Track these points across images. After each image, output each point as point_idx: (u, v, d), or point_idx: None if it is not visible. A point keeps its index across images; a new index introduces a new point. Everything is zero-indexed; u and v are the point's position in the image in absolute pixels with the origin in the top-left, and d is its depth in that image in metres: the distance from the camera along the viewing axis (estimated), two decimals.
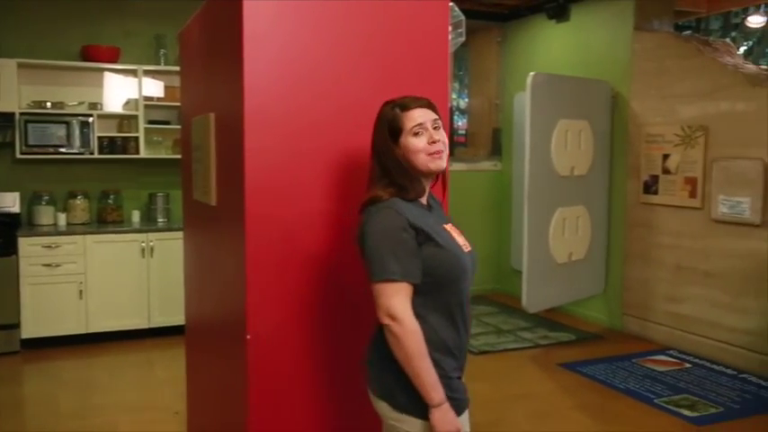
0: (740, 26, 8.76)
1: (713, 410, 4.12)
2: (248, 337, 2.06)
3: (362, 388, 2.01)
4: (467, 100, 7.90)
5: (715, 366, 4.91)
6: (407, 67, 2.24)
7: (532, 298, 5.25)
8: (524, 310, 5.32)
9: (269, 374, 2.11)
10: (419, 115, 1.86)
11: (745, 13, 7.46)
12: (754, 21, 7.17)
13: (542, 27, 6.67)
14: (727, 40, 6.72)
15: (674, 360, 5.09)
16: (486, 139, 7.54)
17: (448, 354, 1.86)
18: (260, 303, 2.08)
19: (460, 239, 1.95)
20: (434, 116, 1.89)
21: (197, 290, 3.05)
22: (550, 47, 6.59)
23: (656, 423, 3.97)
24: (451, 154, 2.37)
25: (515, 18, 7.03)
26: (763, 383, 4.56)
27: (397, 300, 1.76)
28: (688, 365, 4.95)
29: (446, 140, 1.90)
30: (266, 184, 2.06)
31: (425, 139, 1.85)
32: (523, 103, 5.35)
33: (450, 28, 2.37)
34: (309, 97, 2.11)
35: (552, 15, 6.43)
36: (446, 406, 1.80)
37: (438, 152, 1.86)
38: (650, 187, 5.56)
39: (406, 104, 1.88)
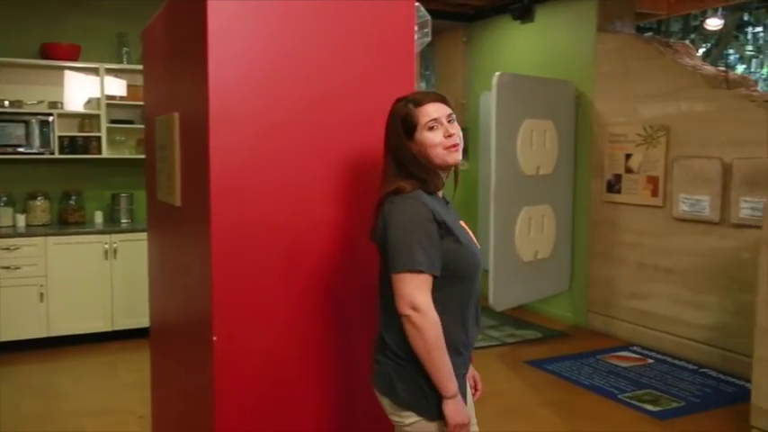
0: (699, 28, 8.96)
1: (675, 405, 4.21)
2: (214, 338, 2.04)
3: (331, 388, 2.00)
4: None
5: (677, 361, 5.01)
6: (374, 67, 2.23)
7: (499, 296, 5.30)
8: (491, 308, 5.36)
9: (235, 376, 2.09)
10: (433, 110, 1.87)
11: (704, 15, 7.63)
12: (712, 23, 7.33)
13: (507, 27, 6.73)
14: (687, 41, 6.86)
15: (637, 356, 5.18)
16: None
17: (456, 352, 1.85)
18: (226, 304, 2.06)
19: (472, 236, 1.95)
20: (449, 110, 1.90)
21: (162, 291, 3.01)
22: (515, 47, 6.66)
23: (621, 418, 4.03)
24: None
25: (481, 18, 7.08)
26: (723, 377, 4.67)
27: (420, 291, 1.75)
28: (651, 361, 5.05)
29: (460, 134, 1.90)
30: (232, 184, 2.04)
31: (441, 133, 1.85)
32: (489, 102, 5.40)
33: (416, 28, 2.38)
34: (275, 97, 2.10)
35: (517, 16, 6.49)
36: (459, 398, 1.81)
37: (455, 145, 1.87)
38: (613, 186, 5.66)
39: (418, 100, 1.89)
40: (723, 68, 5.60)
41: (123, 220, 5.76)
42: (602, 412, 4.12)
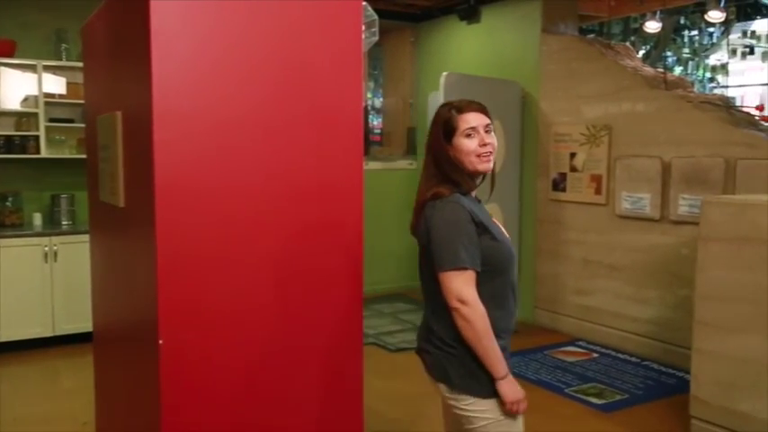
0: (639, 31, 9.20)
1: (619, 397, 4.32)
2: (160, 342, 2.00)
3: (279, 392, 1.99)
4: (382, 99, 7.95)
5: (620, 355, 5.15)
6: (321, 67, 2.22)
7: None
8: None
9: (182, 381, 2.05)
10: (473, 119, 2.03)
11: (643, 18, 7.84)
12: (651, 26, 7.56)
13: (454, 28, 6.79)
14: (628, 43, 7.04)
15: (582, 351, 5.29)
16: (402, 138, 7.61)
17: (501, 337, 2.03)
18: (172, 306, 2.02)
19: (504, 230, 2.13)
20: (487, 121, 2.06)
21: (105, 295, 2.93)
22: (463, 47, 6.72)
23: (567, 412, 4.12)
24: (367, 153, 2.39)
25: (428, 19, 7.13)
26: (664, 370, 4.81)
27: (466, 285, 1.94)
28: (595, 355, 5.17)
29: (495, 144, 2.07)
30: (177, 184, 2.00)
31: (477, 142, 2.02)
32: (437, 102, 5.42)
33: (363, 27, 2.38)
34: (221, 96, 2.07)
35: (464, 17, 6.56)
36: (510, 377, 2.03)
37: (488, 154, 2.04)
38: (559, 185, 5.77)
39: (461, 107, 2.06)
40: (662, 70, 5.77)
41: (64, 222, 5.59)
42: (549, 407, 4.20)
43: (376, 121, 7.97)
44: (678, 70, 10.81)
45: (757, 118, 4.99)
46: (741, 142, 4.48)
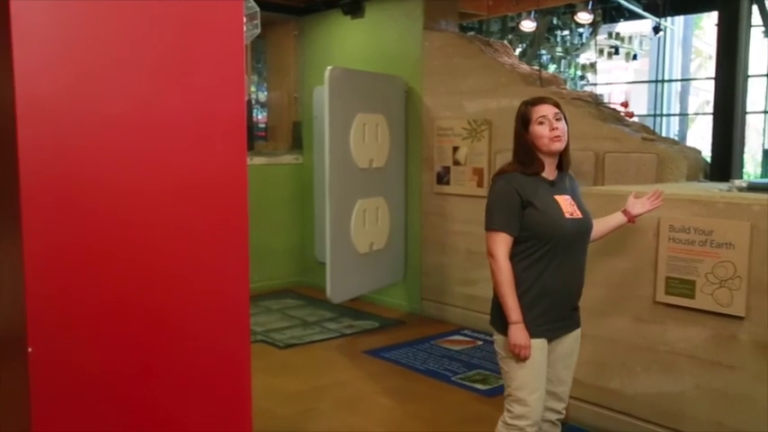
0: (515, 29, 9.59)
1: (501, 382, 4.48)
2: (30, 350, 1.87)
3: (162, 397, 1.91)
4: (266, 93, 7.83)
5: None
6: (201, 59, 2.15)
7: (336, 289, 5.35)
8: (329, 300, 5.40)
9: (53, 390, 1.93)
10: (543, 109, 2.54)
11: (520, 18, 8.18)
12: (527, 25, 7.91)
13: (338, 22, 6.78)
14: (505, 41, 7.32)
15: (467, 339, 5.47)
16: (287, 133, 7.53)
17: (543, 294, 2.54)
18: (42, 312, 1.89)
19: (570, 208, 2.56)
20: (555, 110, 2.55)
21: None
22: (347, 42, 6.73)
23: (454, 399, 4.24)
24: (252, 148, 2.35)
25: (312, 12, 7.08)
26: None
27: (496, 245, 2.54)
28: (480, 342, 5.35)
29: (565, 129, 2.55)
30: (45, 185, 1.87)
31: (547, 127, 2.52)
32: (322, 96, 5.42)
33: (244, 19, 2.32)
34: (93, 91, 1.95)
35: (347, 11, 6.56)
36: (521, 325, 2.51)
37: (557, 137, 2.52)
38: (443, 178, 5.91)
39: (533, 102, 2.59)
40: (537, 68, 6.04)
41: None
42: (437, 395, 4.30)
43: (260, 116, 7.84)
44: (552, 68, 11.37)
45: (622, 114, 5.32)
46: (609, 137, 4.77)
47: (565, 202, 2.56)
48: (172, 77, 2.08)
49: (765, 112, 11.76)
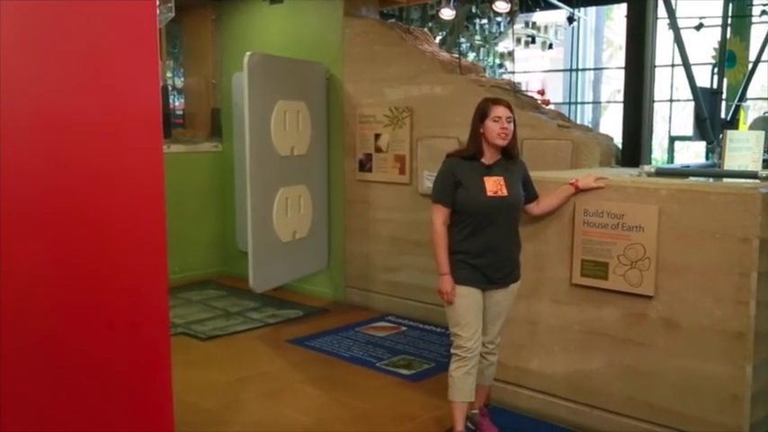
0: (435, 17, 9.66)
1: (426, 366, 4.56)
2: None
3: (80, 394, 1.84)
4: (183, 79, 7.60)
5: (426, 327, 5.43)
6: (113, 44, 2.06)
7: (259, 278, 5.28)
8: (252, 290, 5.33)
9: None
10: (500, 111, 3.12)
11: (439, 6, 8.25)
12: (446, 13, 7.97)
13: (258, 7, 6.65)
14: (426, 29, 7.36)
15: (391, 325, 5.51)
16: (205, 120, 7.34)
17: (465, 262, 3.16)
18: None
19: (494, 187, 3.11)
20: (509, 114, 3.13)
21: None
22: (267, 28, 6.61)
23: (379, 385, 4.27)
24: (168, 136, 2.27)
25: None
26: None
27: (434, 213, 3.20)
28: (404, 328, 5.41)
29: (512, 129, 3.14)
30: None
31: (499, 126, 3.10)
32: (242, 83, 5.31)
33: (157, 3, 2.24)
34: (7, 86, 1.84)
35: None
36: (447, 276, 3.17)
37: (504, 135, 3.11)
38: (365, 165, 5.91)
39: (495, 101, 3.18)
40: (456, 55, 6.11)
41: None
42: (362, 382, 4.32)
43: (177, 102, 7.61)
44: (471, 56, 11.53)
45: (539, 101, 5.46)
46: (527, 124, 4.88)
47: (491, 183, 3.12)
48: (80, 64, 1.99)
49: (671, 100, 12.34)
